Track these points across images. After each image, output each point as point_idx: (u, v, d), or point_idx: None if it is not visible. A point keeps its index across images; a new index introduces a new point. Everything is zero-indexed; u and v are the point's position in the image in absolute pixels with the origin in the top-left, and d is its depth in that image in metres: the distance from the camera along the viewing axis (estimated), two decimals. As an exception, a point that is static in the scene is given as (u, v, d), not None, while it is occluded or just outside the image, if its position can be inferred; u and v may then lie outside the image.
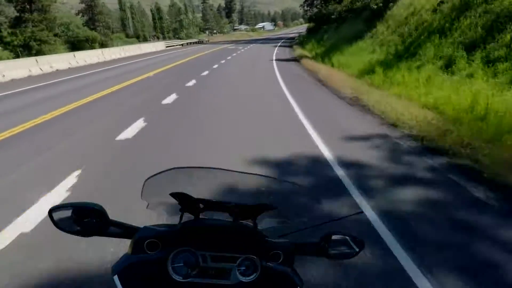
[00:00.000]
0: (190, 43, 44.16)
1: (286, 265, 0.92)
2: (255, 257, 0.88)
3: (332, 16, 22.14)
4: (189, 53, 28.05)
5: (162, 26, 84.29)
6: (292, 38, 49.22)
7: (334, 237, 0.94)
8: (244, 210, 0.95)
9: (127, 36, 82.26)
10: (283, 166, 4.09)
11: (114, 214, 0.93)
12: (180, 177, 1.04)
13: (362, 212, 1.16)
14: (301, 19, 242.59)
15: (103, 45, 54.91)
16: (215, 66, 17.08)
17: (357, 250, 0.95)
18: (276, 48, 29.65)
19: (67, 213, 0.87)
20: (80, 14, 58.67)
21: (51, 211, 0.85)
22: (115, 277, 0.84)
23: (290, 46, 31.88)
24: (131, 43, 66.80)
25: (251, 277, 0.88)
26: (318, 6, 33.91)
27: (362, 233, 2.17)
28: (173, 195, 0.91)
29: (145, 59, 23.91)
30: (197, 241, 0.88)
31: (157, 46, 35.25)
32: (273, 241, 0.94)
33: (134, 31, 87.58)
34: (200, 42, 47.79)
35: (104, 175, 4.00)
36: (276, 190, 1.13)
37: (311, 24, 37.17)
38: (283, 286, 0.91)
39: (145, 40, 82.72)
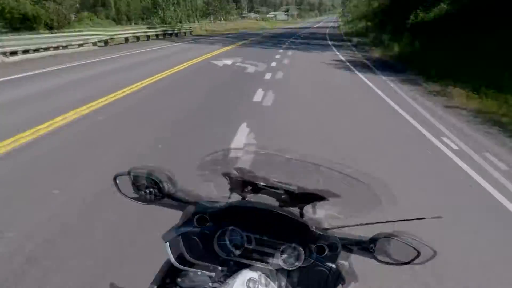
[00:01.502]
0: (147, 36, 20.92)
1: (330, 260, 0.89)
2: (299, 247, 0.88)
3: None
4: None
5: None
6: (339, 38, 29.22)
7: (387, 239, 0.86)
8: (292, 197, 0.97)
9: (107, 17, 63.32)
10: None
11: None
12: (233, 157, 1.11)
13: (440, 217, 0.89)
14: (317, 11, 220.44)
15: (51, 28, 35.50)
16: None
17: (412, 258, 0.84)
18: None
19: (129, 180, 0.93)
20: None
21: (115, 177, 0.93)
22: (166, 244, 0.90)
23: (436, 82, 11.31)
24: (103, 27, 46.84)
25: (293, 265, 0.88)
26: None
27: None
28: (224, 174, 0.98)
29: None
30: (244, 222, 0.90)
31: None
32: (320, 233, 0.91)
33: (116, 11, 68.47)
34: (170, 34, 24.36)
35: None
36: (332, 182, 1.01)
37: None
38: (323, 281, 0.89)
39: (129, 23, 63.84)
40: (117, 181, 0.94)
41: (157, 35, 22.73)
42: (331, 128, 5.30)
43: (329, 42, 23.99)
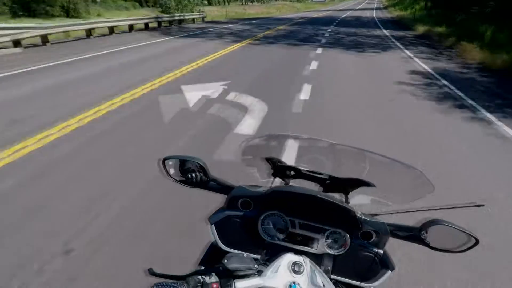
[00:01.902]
0: (130, 27, 15.12)
1: (378, 245, 0.88)
2: (345, 232, 0.88)
3: None
4: None
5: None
6: (395, 25, 21.83)
7: (438, 226, 0.83)
8: (336, 182, 0.99)
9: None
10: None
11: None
12: (276, 143, 1.14)
13: (483, 205, 0.92)
14: None
15: (68, 11, 31.42)
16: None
17: (468, 246, 0.83)
18: None
19: (176, 164, 0.96)
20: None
21: (164, 161, 0.95)
22: (212, 227, 0.92)
23: None
24: (117, 11, 41.57)
25: (338, 251, 0.89)
26: None
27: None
28: (268, 159, 1.02)
29: None
30: (288, 206, 0.90)
31: None
32: (366, 219, 0.89)
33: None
34: (169, 22, 19.10)
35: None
36: (377, 167, 1.03)
37: None
38: (371, 267, 0.88)
39: (146, 4, 58.56)
40: (165, 164, 0.95)
41: (146, 25, 16.73)
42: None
43: (386, 32, 17.21)
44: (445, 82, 6.91)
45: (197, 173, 0.96)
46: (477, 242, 0.82)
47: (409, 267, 2.02)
